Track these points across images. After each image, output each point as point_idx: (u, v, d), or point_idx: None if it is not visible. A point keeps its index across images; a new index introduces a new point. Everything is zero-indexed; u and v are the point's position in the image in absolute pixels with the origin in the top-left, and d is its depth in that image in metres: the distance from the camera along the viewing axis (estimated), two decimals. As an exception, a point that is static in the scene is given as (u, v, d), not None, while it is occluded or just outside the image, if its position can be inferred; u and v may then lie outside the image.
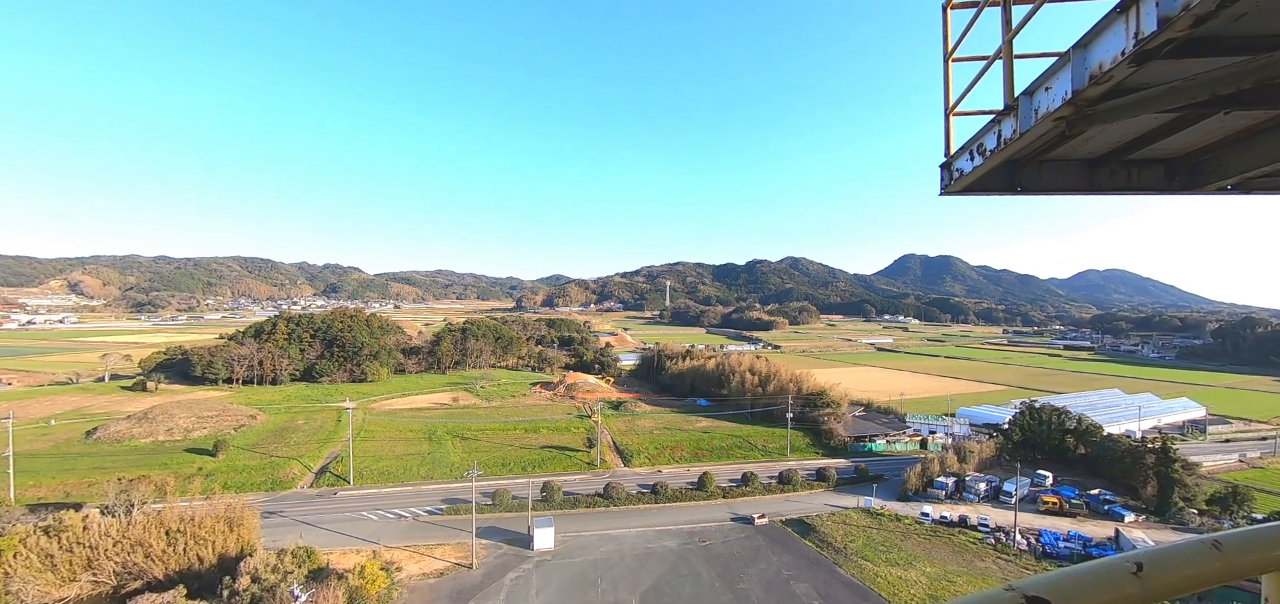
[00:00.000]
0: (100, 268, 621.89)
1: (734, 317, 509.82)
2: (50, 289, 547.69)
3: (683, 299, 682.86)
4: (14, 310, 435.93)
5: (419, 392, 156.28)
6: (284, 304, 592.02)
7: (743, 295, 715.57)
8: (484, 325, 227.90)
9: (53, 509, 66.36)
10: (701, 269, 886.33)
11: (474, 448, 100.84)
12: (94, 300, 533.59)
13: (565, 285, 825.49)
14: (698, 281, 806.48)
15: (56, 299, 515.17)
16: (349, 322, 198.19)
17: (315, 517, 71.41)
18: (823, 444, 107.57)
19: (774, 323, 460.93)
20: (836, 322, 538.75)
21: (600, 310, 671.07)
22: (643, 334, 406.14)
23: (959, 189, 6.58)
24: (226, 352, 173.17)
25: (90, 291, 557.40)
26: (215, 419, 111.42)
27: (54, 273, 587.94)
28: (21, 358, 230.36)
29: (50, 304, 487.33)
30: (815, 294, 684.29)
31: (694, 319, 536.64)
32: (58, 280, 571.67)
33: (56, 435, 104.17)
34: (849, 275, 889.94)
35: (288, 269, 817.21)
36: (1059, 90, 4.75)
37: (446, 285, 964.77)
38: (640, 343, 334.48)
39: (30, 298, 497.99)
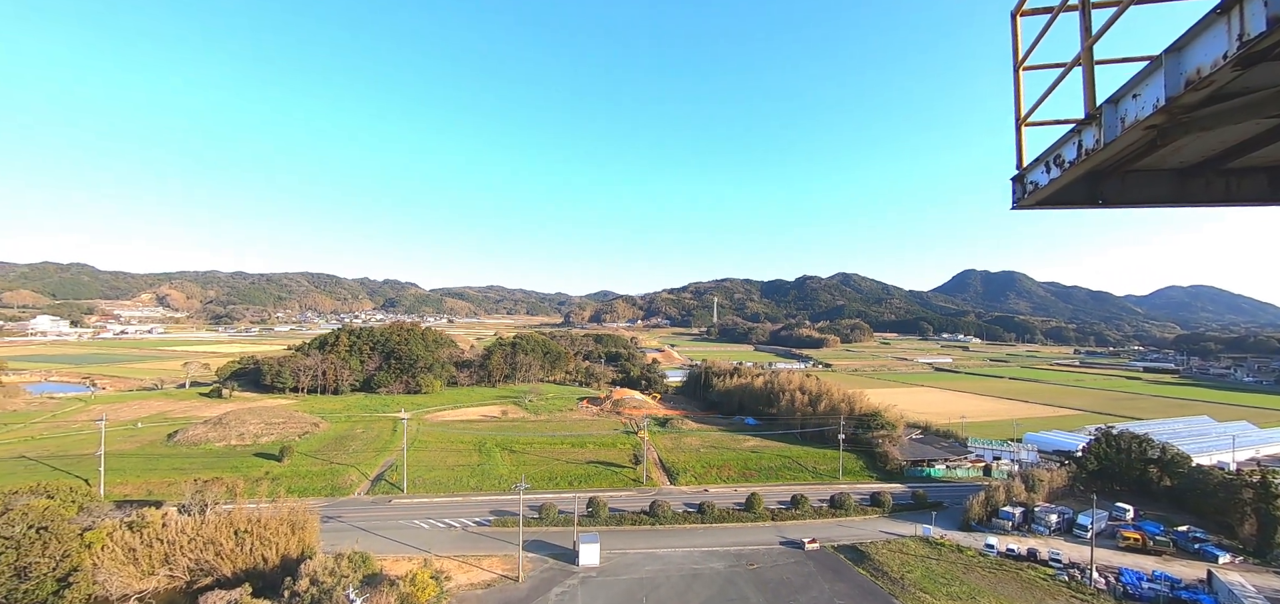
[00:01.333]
0: (185, 282, 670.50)
1: (783, 334, 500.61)
2: (141, 301, 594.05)
3: (730, 316, 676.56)
4: (110, 321, 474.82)
5: (470, 404, 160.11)
6: (346, 317, 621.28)
7: (792, 312, 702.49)
8: (533, 340, 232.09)
9: (136, 506, 71.32)
10: (749, 285, 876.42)
11: (522, 461, 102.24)
12: (179, 312, 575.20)
13: (612, 301, 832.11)
14: (746, 298, 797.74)
15: (146, 311, 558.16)
16: (405, 335, 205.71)
17: (371, 523, 73.85)
18: (877, 468, 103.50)
19: (825, 340, 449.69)
20: (891, 340, 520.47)
21: (647, 326, 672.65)
22: (689, 351, 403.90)
23: (1034, 202, 6.17)
24: (293, 362, 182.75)
25: (176, 304, 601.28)
26: (282, 426, 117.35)
27: (145, 287, 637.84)
28: (115, 364, 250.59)
29: (141, 315, 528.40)
30: (868, 311, 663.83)
31: (742, 336, 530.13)
32: (148, 294, 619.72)
33: (142, 437, 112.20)
34: (904, 292, 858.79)
35: (350, 284, 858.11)
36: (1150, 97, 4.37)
37: (498, 301, 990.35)
38: (687, 360, 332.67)
39: (124, 309, 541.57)
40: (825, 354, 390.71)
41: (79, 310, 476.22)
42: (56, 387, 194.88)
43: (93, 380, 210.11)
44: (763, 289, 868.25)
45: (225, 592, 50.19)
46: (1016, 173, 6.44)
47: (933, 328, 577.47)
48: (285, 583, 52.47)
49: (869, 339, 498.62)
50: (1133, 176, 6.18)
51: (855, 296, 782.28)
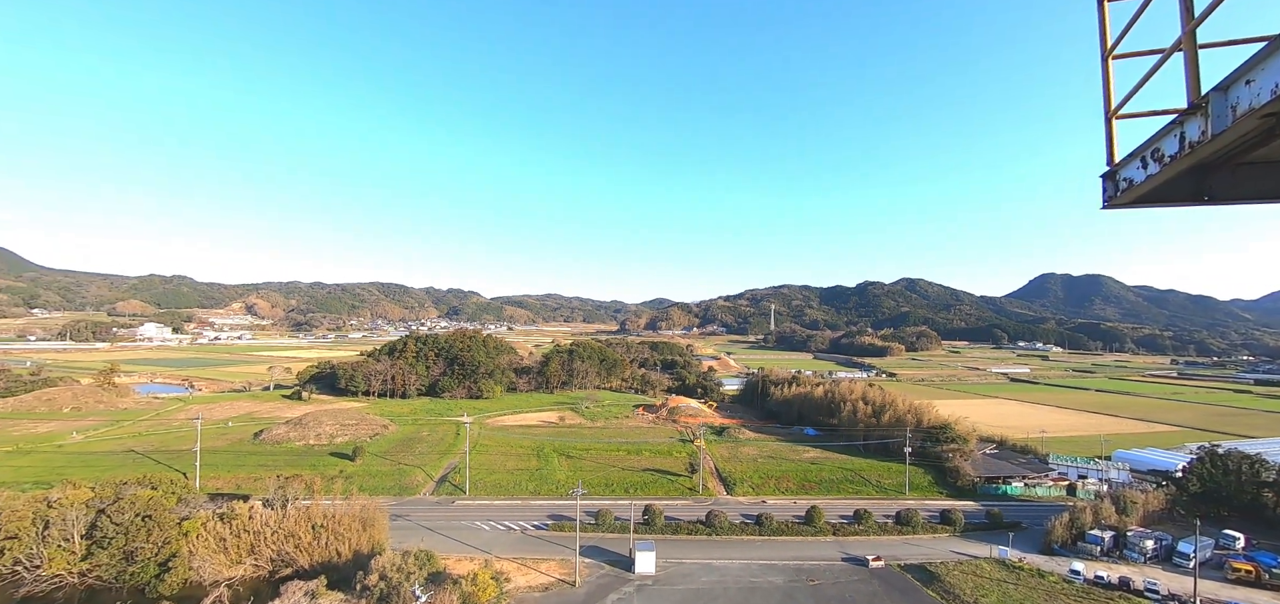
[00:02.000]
0: (269, 292, 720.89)
1: (844, 342, 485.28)
2: (232, 310, 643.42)
3: (788, 323, 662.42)
4: (206, 328, 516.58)
5: (529, 409, 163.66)
6: (413, 325, 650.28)
7: (853, 319, 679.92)
8: (589, 347, 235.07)
9: (227, 499, 76.89)
10: (808, 292, 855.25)
11: (579, 467, 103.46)
12: (264, 320, 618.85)
13: (668, 309, 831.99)
14: (804, 305, 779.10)
15: (236, 319, 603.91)
16: (468, 342, 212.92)
17: (435, 522, 76.60)
18: (947, 483, 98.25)
19: (888, 349, 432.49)
20: (961, 348, 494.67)
21: (703, 334, 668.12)
22: (746, 359, 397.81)
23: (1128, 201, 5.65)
24: (365, 367, 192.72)
25: (262, 313, 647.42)
26: (355, 427, 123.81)
27: (235, 297, 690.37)
28: (209, 368, 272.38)
29: (232, 323, 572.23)
30: (935, 318, 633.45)
31: (800, 344, 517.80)
32: (238, 303, 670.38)
33: (232, 435, 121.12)
34: (975, 298, 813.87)
35: (417, 293, 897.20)
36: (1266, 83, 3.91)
37: (555, 308, 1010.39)
38: (743, 368, 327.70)
39: (217, 317, 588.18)
40: (889, 363, 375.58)
41: (179, 318, 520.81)
42: (160, 388, 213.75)
43: (190, 382, 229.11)
44: (821, 295, 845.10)
45: (303, 582, 53.19)
46: (1107, 169, 5.92)
47: (1007, 336, 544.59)
48: (357, 577, 55.08)
49: (936, 347, 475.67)
50: (1246, 170, 5.56)
51: (921, 303, 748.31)
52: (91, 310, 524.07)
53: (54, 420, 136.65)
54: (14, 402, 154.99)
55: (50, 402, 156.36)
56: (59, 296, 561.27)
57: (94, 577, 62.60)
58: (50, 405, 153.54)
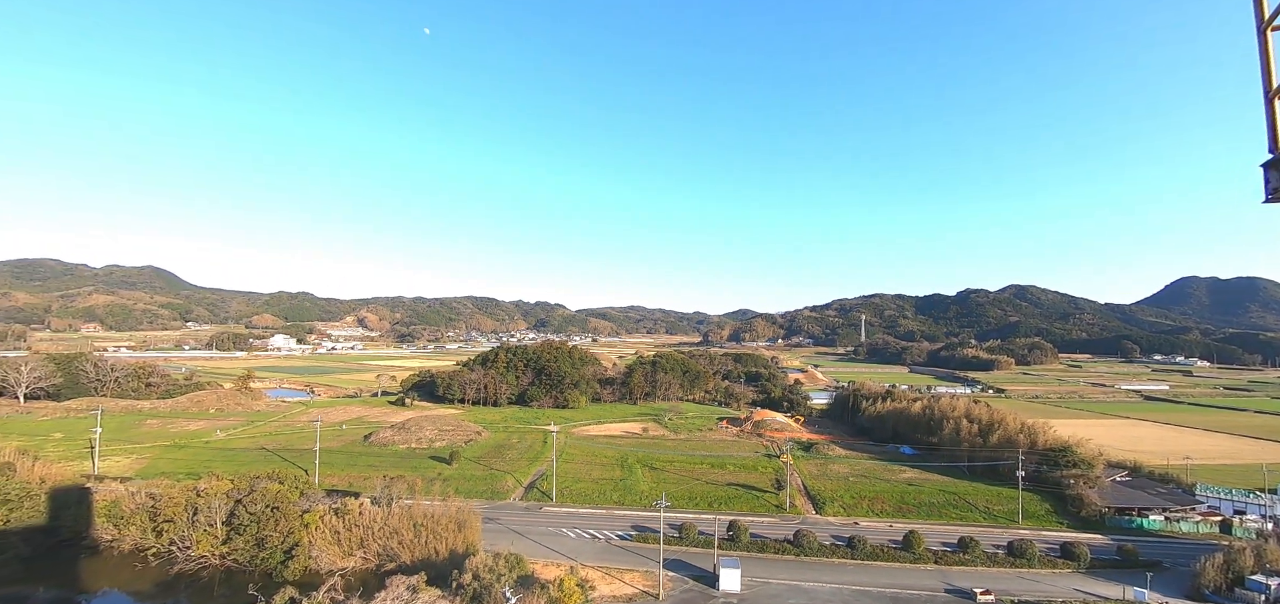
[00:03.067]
0: (377, 307, 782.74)
1: (943, 354, 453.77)
2: (346, 323, 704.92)
3: (880, 334, 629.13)
4: (324, 339, 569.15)
5: (613, 420, 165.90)
6: (504, 336, 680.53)
7: (953, 330, 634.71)
8: (672, 359, 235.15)
9: (341, 496, 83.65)
10: (902, 301, 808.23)
11: (662, 479, 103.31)
12: (373, 332, 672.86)
13: (751, 320, 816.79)
14: (898, 315, 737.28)
15: (349, 330, 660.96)
16: (554, 353, 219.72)
17: (523, 527, 79.17)
18: (1068, 513, 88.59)
19: (995, 362, 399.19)
20: (1082, 362, 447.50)
21: (788, 345, 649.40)
22: (835, 371, 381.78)
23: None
24: (461, 376, 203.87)
25: (371, 325, 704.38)
26: (451, 433, 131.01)
27: (349, 311, 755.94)
28: (326, 375, 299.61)
29: (346, 334, 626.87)
30: (1050, 329, 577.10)
31: (893, 356, 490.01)
32: (351, 316, 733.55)
33: (345, 437, 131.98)
34: (1097, 305, 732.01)
35: (507, 306, 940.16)
36: None
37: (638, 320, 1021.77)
38: (832, 381, 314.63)
39: (334, 329, 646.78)
40: (996, 377, 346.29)
41: (302, 330, 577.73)
42: (286, 392, 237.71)
43: (311, 388, 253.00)
44: (917, 304, 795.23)
45: (405, 577, 56.52)
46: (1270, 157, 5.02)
47: (1139, 348, 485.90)
48: (452, 575, 57.84)
49: (1052, 361, 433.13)
50: None
51: (1032, 312, 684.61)
52: (232, 323, 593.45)
53: (202, 419, 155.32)
54: (171, 403, 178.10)
55: (199, 403, 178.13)
56: (207, 312, 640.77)
57: (232, 559, 70.17)
58: (199, 406, 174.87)
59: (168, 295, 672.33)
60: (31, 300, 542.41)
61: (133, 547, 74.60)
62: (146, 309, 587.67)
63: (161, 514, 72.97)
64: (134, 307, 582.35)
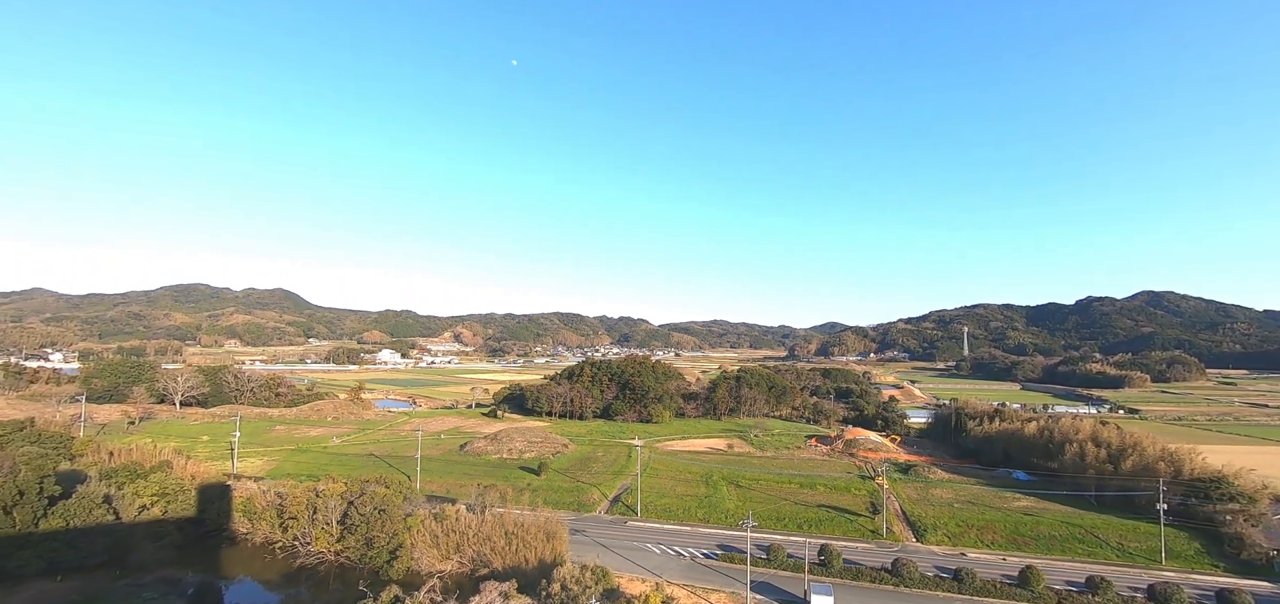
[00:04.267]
0: (471, 323, 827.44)
1: (1061, 369, 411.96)
2: (444, 338, 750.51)
3: (986, 348, 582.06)
4: (424, 353, 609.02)
5: (697, 435, 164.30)
6: (588, 351, 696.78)
7: (1073, 343, 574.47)
8: (757, 374, 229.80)
9: (439, 501, 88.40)
10: (1010, 312, 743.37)
11: (748, 497, 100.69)
12: (468, 347, 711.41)
13: (840, 333, 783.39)
14: (1006, 326, 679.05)
15: (446, 346, 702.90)
16: (638, 367, 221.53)
17: (609, 541, 79.77)
18: (1224, 554, 76.75)
19: (1125, 378, 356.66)
20: (1236, 379, 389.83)
21: (881, 360, 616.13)
22: (934, 388, 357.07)
23: None
24: (548, 390, 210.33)
25: (466, 340, 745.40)
26: (540, 445, 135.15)
27: (446, 327, 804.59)
28: (427, 387, 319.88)
29: (443, 349, 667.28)
30: (1194, 340, 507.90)
31: (1002, 372, 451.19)
32: (448, 332, 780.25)
33: (443, 446, 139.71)
34: (1255, 313, 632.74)
35: (591, 321, 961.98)
36: None
37: (721, 334, 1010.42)
38: (931, 398, 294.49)
39: (433, 344, 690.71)
40: (1128, 396, 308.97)
41: (405, 345, 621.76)
42: (392, 402, 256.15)
43: (414, 399, 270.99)
44: (1029, 315, 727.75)
45: (498, 583, 58.51)
46: None
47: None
48: (541, 584, 59.19)
49: (1198, 378, 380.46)
50: None
51: (1170, 322, 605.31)
52: (346, 339, 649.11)
53: (321, 427, 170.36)
54: (295, 411, 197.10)
55: (319, 412, 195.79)
56: (326, 328, 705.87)
57: (345, 556, 75.91)
58: (319, 414, 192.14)
59: (293, 314, 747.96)
60: (186, 320, 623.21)
61: (263, 540, 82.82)
62: (276, 327, 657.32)
63: (287, 512, 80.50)
64: (266, 325, 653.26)
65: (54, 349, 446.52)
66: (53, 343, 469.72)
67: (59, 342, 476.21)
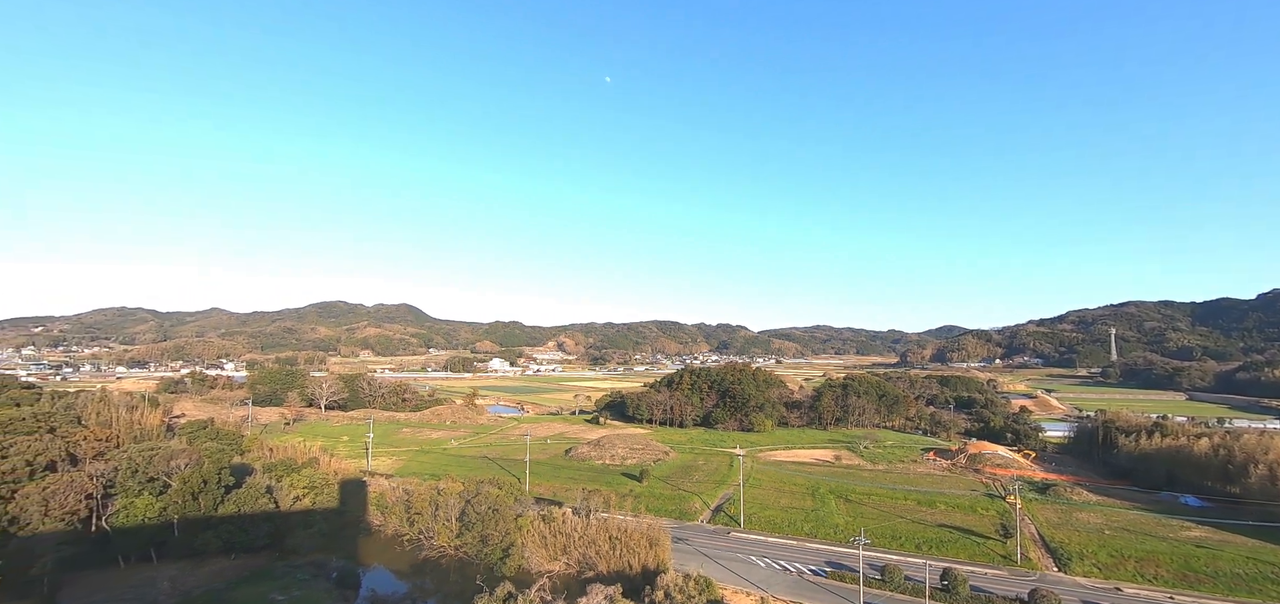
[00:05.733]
0: (574, 332, 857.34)
1: (1239, 376, 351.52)
2: (548, 347, 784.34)
3: (1139, 352, 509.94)
4: (531, 362, 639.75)
5: (801, 446, 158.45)
6: (687, 359, 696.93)
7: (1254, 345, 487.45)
8: (866, 381, 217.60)
9: (546, 504, 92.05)
10: (1170, 309, 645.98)
11: (859, 512, 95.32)
12: (571, 355, 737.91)
13: (959, 338, 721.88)
14: (1165, 327, 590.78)
15: (550, 354, 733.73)
16: (738, 375, 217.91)
17: (711, 550, 78.76)
18: None
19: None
20: None
21: (1008, 366, 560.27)
22: (1074, 397, 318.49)
23: None
24: (648, 397, 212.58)
25: (569, 349, 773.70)
26: (641, 452, 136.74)
27: (550, 337, 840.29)
28: (533, 394, 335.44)
29: (548, 358, 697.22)
30: None
31: (1162, 380, 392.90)
32: (552, 341, 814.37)
33: (550, 451, 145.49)
34: None
35: (689, 329, 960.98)
36: None
37: (824, 340, 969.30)
38: (1072, 409, 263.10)
39: (538, 353, 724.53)
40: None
41: (514, 354, 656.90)
42: (502, 408, 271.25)
43: (522, 405, 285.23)
44: (1194, 313, 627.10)
45: (604, 587, 59.73)
46: None
47: None
48: (645, 590, 59.62)
49: None
50: None
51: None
52: (461, 349, 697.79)
53: (440, 430, 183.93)
54: (419, 415, 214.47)
55: (438, 416, 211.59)
56: (443, 339, 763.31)
57: (463, 551, 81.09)
58: (439, 418, 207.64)
59: (416, 326, 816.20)
60: (329, 333, 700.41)
61: (393, 532, 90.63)
62: (402, 338, 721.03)
63: (413, 508, 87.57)
64: (393, 337, 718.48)
65: (227, 360, 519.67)
66: (226, 354, 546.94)
67: (231, 353, 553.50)
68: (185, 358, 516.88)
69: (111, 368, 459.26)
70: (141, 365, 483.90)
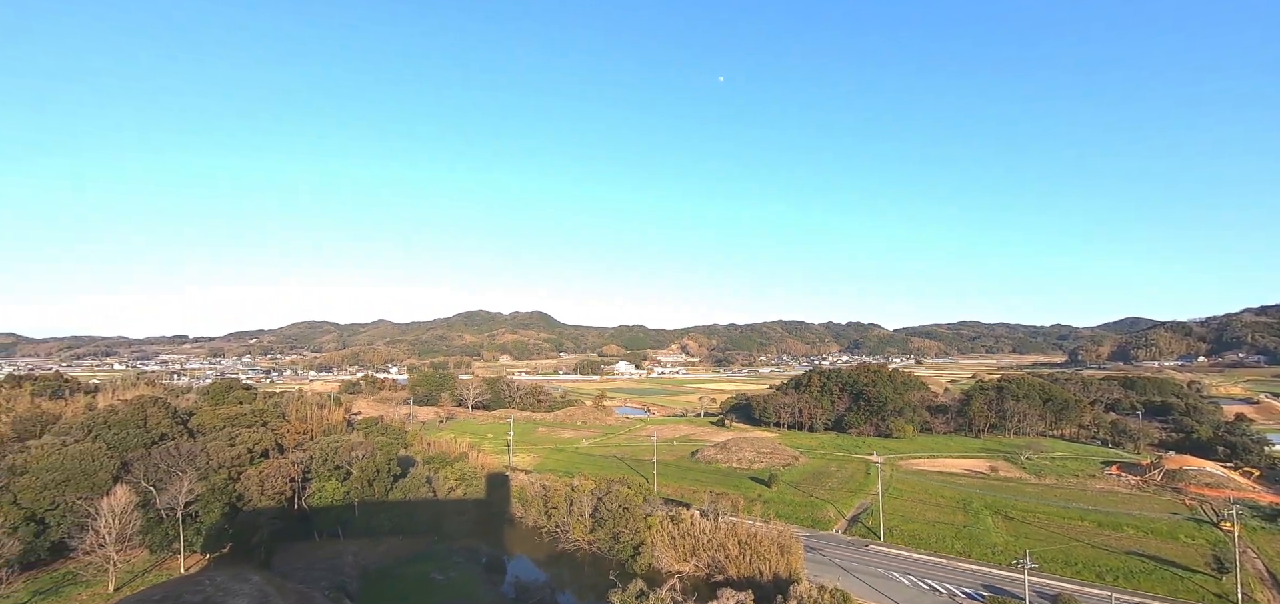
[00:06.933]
0: (696, 335, 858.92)
1: None
2: (671, 350, 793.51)
3: None
4: (654, 364, 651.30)
5: (948, 454, 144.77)
6: (815, 360, 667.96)
7: None
8: (1026, 383, 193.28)
9: (674, 505, 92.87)
10: None
11: (1022, 532, 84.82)
12: (694, 358, 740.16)
13: (1146, 331, 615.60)
14: None
15: (673, 357, 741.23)
16: (873, 376, 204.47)
17: (848, 562, 74.40)
18: None
19: None
20: None
21: (1215, 365, 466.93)
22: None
23: None
24: (775, 400, 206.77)
25: (692, 351, 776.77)
26: (769, 456, 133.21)
27: (673, 339, 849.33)
28: (658, 396, 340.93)
29: (671, 360, 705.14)
30: None
31: None
32: (675, 344, 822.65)
33: (675, 452, 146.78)
34: None
35: (816, 329, 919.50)
36: None
37: (972, 338, 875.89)
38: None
39: (662, 355, 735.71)
40: None
41: (638, 356, 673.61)
42: (629, 410, 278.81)
43: (647, 406, 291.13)
44: None
45: (734, 592, 58.99)
46: None
47: None
48: (776, 599, 57.89)
49: None
50: None
51: None
52: (589, 353, 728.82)
53: (572, 430, 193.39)
54: (552, 415, 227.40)
55: (570, 417, 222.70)
56: (572, 343, 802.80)
57: (595, 547, 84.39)
58: (570, 419, 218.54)
59: (547, 332, 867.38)
60: (472, 339, 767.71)
61: (532, 524, 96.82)
62: (535, 343, 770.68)
63: (549, 502, 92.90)
64: (527, 342, 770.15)
65: (392, 364, 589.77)
66: (391, 360, 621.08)
67: (395, 359, 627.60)
68: (359, 363, 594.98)
69: (304, 372, 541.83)
70: (326, 370, 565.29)
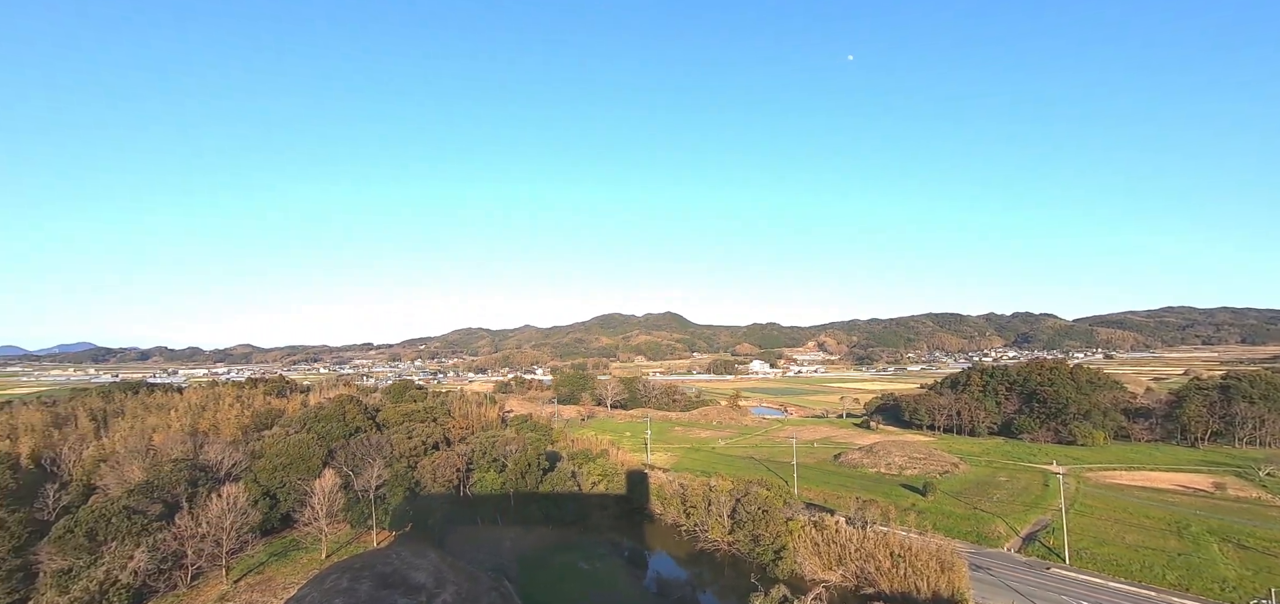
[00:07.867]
0: (835, 331, 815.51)
1: None
2: (808, 348, 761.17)
3: None
4: (790, 363, 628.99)
5: (1154, 467, 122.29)
6: (974, 356, 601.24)
7: None
8: (1262, 380, 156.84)
9: (816, 510, 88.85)
10: None
11: (1263, 565, 68.92)
12: (832, 355, 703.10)
13: None
14: None
15: (811, 355, 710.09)
16: (1048, 374, 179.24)
17: (1023, 586, 65.76)
18: None
19: None
20: None
21: None
22: None
23: None
24: (928, 400, 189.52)
25: (830, 349, 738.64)
26: (923, 461, 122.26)
27: (809, 337, 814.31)
28: (795, 395, 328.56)
29: (808, 358, 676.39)
30: None
31: None
32: (812, 342, 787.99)
33: (816, 455, 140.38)
34: None
35: (975, 321, 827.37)
36: None
37: (1182, 326, 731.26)
38: None
39: (798, 354, 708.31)
40: None
41: (773, 355, 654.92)
42: (764, 410, 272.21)
43: (784, 407, 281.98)
44: None
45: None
46: None
47: None
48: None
49: None
50: None
51: None
52: (722, 352, 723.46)
53: (707, 429, 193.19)
54: (687, 415, 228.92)
55: (705, 416, 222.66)
56: (705, 343, 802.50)
57: (735, 547, 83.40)
58: (705, 419, 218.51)
59: (679, 332, 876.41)
60: (608, 341, 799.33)
61: (671, 522, 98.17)
62: (668, 344, 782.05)
63: (688, 501, 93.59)
64: (661, 342, 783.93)
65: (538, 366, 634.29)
66: (537, 362, 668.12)
67: (540, 361, 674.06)
68: (510, 365, 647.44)
69: (464, 374, 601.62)
70: (482, 371, 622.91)
